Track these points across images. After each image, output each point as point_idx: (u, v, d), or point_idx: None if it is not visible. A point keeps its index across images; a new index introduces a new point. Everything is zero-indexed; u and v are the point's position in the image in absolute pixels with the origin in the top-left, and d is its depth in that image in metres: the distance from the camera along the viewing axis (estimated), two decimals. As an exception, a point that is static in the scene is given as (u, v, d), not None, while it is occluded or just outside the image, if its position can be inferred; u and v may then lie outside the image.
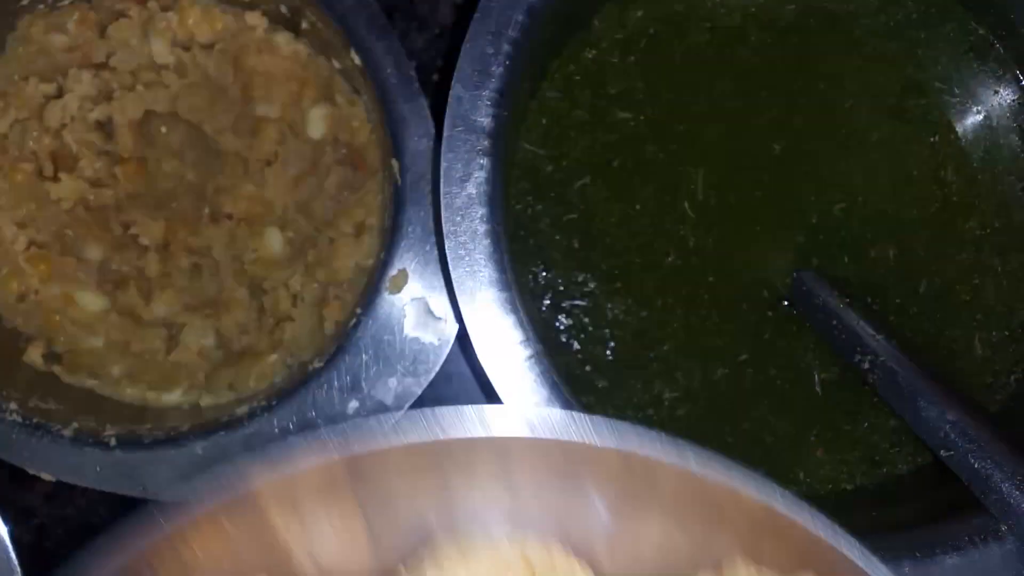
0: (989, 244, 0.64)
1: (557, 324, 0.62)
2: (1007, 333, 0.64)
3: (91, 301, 0.66)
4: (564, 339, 0.62)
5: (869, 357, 0.56)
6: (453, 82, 0.52)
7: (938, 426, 0.51)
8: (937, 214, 0.64)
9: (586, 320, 0.62)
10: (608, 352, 0.62)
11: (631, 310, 0.62)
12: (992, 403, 0.64)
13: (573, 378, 0.62)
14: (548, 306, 0.62)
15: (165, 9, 0.67)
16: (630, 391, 0.62)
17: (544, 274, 0.63)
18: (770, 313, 0.62)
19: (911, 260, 0.63)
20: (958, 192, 0.64)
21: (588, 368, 0.62)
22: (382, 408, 0.61)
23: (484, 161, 0.52)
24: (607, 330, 0.62)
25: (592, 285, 0.62)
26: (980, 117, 0.65)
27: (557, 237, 0.63)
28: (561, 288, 0.62)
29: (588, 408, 0.61)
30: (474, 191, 0.52)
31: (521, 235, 0.63)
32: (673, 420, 0.62)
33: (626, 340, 0.62)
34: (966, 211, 0.64)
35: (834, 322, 0.58)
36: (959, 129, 0.65)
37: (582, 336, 0.62)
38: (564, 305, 0.62)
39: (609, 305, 0.62)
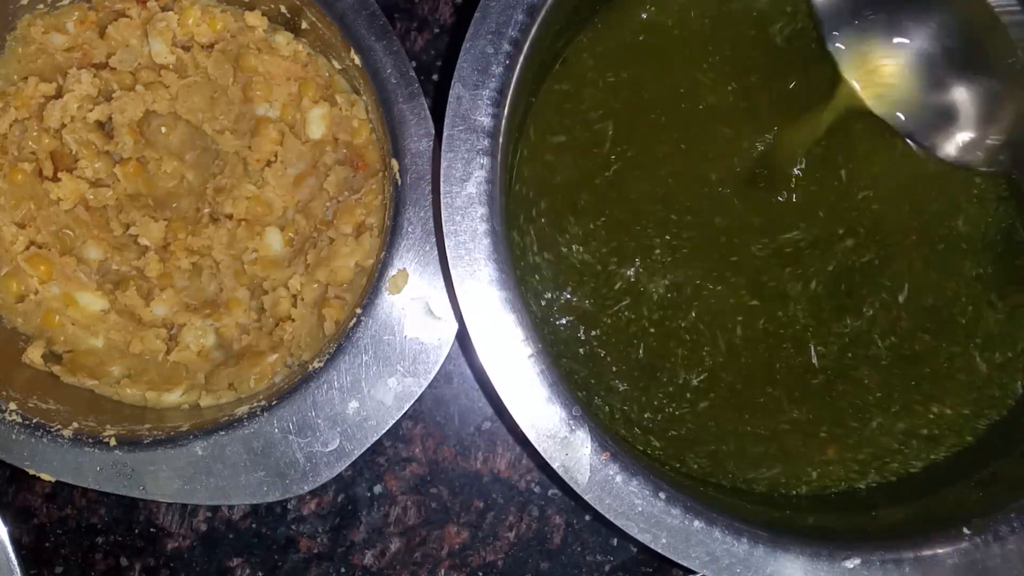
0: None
1: (558, 325, 0.62)
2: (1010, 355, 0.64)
3: (91, 301, 0.66)
4: (565, 339, 0.62)
5: None
6: (453, 81, 0.52)
7: None
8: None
9: (587, 321, 0.62)
10: (610, 353, 0.62)
11: (632, 310, 0.62)
12: (1003, 407, 0.63)
13: (574, 377, 0.62)
14: (548, 307, 0.62)
15: (165, 9, 0.67)
16: (631, 390, 0.62)
17: (545, 276, 0.62)
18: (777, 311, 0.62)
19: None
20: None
21: (589, 368, 0.62)
22: (382, 408, 0.61)
23: (484, 160, 0.52)
24: (608, 331, 0.62)
25: (593, 287, 0.62)
26: None
27: (557, 238, 0.63)
28: (561, 289, 0.62)
29: (588, 407, 0.61)
30: (474, 190, 0.52)
31: (521, 236, 0.63)
32: (673, 420, 0.62)
33: (627, 341, 0.62)
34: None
35: None
36: None
37: (583, 337, 0.62)
38: (565, 306, 0.62)
39: (610, 307, 0.62)
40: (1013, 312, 0.63)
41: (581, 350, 0.62)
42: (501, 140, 0.52)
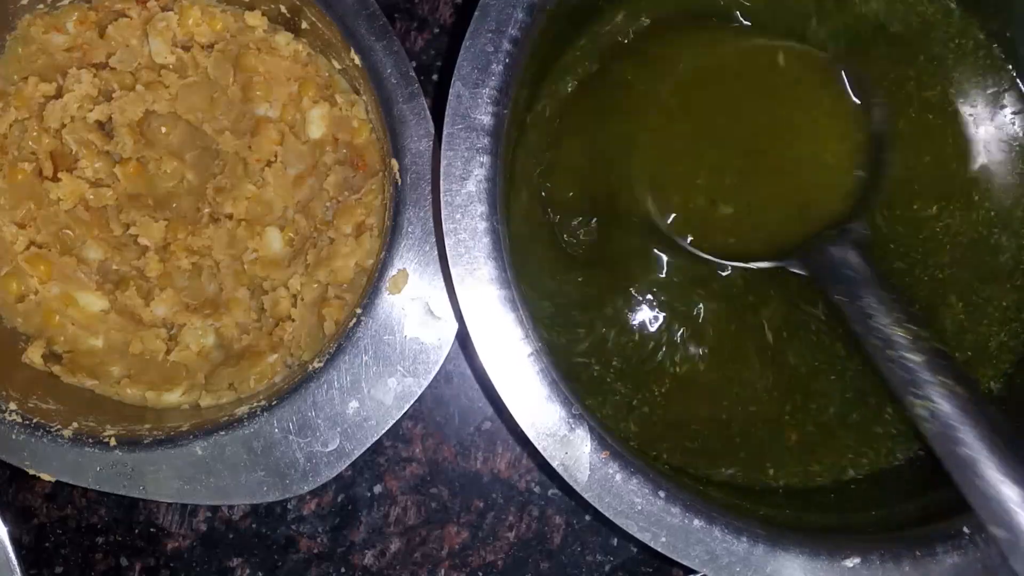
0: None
1: (557, 323, 0.62)
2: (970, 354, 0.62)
3: (91, 301, 0.66)
4: (564, 338, 0.62)
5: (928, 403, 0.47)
6: (453, 80, 0.52)
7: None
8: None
9: (586, 320, 0.62)
10: (609, 351, 0.62)
11: (632, 307, 0.62)
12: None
13: (574, 376, 0.62)
14: (547, 305, 0.62)
15: (165, 9, 0.67)
16: (630, 388, 0.62)
17: (545, 275, 0.63)
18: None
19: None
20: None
21: (589, 366, 0.62)
22: (382, 408, 0.61)
23: (484, 159, 0.52)
24: (606, 329, 0.62)
25: (592, 284, 0.62)
26: None
27: (558, 236, 0.63)
28: (560, 287, 0.62)
29: (588, 404, 0.61)
30: (474, 189, 0.52)
31: (521, 235, 0.63)
32: (669, 418, 0.62)
33: (626, 337, 0.62)
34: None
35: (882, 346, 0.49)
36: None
37: (582, 335, 0.62)
38: (564, 303, 0.62)
39: (609, 305, 0.62)
40: (974, 310, 0.62)
41: (615, 361, 0.62)
42: (501, 138, 0.52)
